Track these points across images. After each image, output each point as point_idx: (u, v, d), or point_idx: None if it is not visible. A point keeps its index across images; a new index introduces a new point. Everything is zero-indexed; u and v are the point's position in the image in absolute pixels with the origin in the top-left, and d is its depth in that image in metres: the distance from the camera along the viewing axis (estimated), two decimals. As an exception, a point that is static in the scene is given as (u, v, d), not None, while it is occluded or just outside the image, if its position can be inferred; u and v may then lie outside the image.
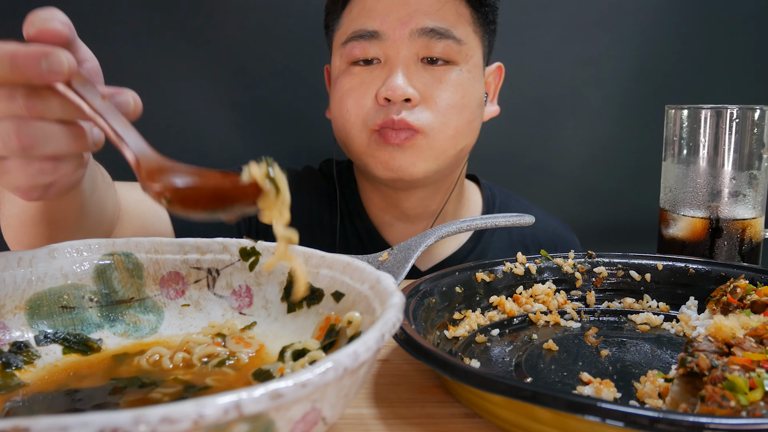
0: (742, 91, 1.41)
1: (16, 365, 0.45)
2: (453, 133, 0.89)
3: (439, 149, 0.89)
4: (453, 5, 0.89)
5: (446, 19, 0.87)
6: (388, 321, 0.35)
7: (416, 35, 0.86)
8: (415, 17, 0.86)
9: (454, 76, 0.89)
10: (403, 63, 0.86)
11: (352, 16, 0.89)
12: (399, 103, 0.86)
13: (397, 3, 0.87)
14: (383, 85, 0.86)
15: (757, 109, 0.76)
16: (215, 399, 0.25)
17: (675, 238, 0.81)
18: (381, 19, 0.86)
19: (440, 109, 0.88)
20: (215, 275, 0.54)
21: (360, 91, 0.88)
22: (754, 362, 0.41)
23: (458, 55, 0.88)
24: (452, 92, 0.88)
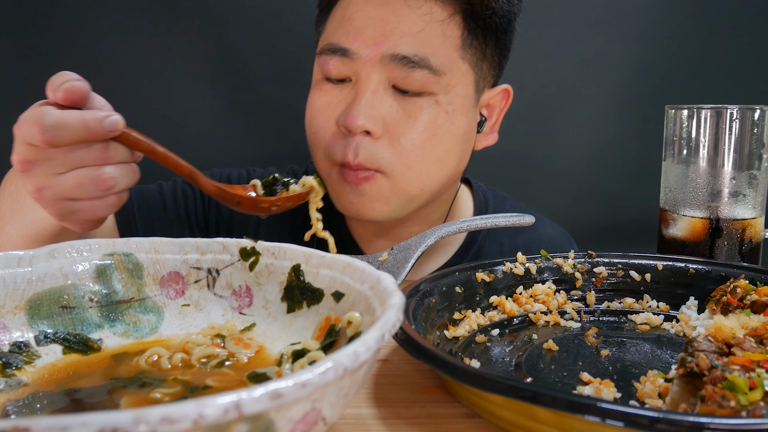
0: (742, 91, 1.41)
1: (16, 365, 0.45)
2: (417, 175, 0.80)
3: (401, 192, 0.81)
4: (439, 26, 0.78)
5: (426, 44, 0.77)
6: (388, 321, 0.35)
7: (388, 60, 0.77)
8: (391, 38, 0.77)
9: (427, 112, 0.79)
10: (371, 88, 0.78)
11: (334, 23, 0.82)
12: (358, 134, 0.78)
13: (374, 18, 0.78)
14: (344, 111, 0.79)
15: (757, 109, 0.76)
16: (215, 399, 0.25)
17: (675, 238, 0.81)
18: (355, 35, 0.78)
19: (404, 149, 0.79)
20: (215, 275, 0.54)
21: (327, 113, 0.81)
22: (754, 362, 0.41)
23: (435, 86, 0.79)
24: (421, 130, 0.79)
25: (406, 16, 0.77)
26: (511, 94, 0.92)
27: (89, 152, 0.56)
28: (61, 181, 0.57)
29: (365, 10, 0.78)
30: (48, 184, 0.57)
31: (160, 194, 0.96)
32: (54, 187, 0.57)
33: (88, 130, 0.55)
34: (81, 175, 0.56)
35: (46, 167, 0.56)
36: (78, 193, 0.57)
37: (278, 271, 0.52)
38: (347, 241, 0.98)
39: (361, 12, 0.79)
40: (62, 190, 0.57)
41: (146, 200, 0.93)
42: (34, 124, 0.54)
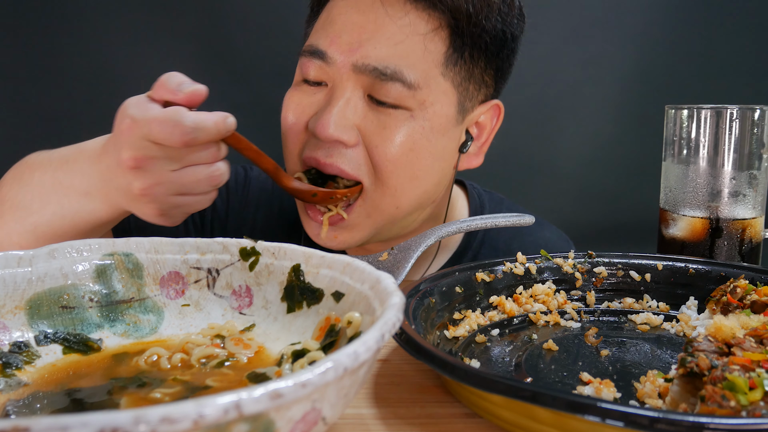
0: (742, 91, 1.41)
1: (16, 365, 0.45)
2: (392, 192, 0.77)
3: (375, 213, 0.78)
4: (421, 40, 0.74)
5: (403, 57, 0.73)
6: (388, 321, 0.35)
7: (360, 70, 0.73)
8: (365, 47, 0.73)
9: (403, 126, 0.75)
10: (345, 96, 0.74)
11: (319, 23, 0.79)
12: (330, 142, 0.74)
13: (353, 24, 0.74)
14: (314, 117, 0.76)
15: (757, 109, 0.76)
16: (215, 399, 0.25)
17: (675, 238, 0.81)
18: (332, 39, 0.75)
19: (378, 162, 0.75)
20: (215, 275, 0.54)
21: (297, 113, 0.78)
22: (754, 362, 0.41)
23: (410, 101, 0.74)
24: (396, 144, 0.75)
25: (386, 26, 0.74)
26: (502, 112, 0.86)
27: (208, 151, 0.61)
28: (178, 177, 0.60)
29: (347, 15, 0.76)
30: (163, 179, 0.60)
31: None
32: (169, 183, 0.61)
33: (218, 131, 0.60)
34: (198, 172, 0.61)
35: (163, 164, 0.60)
36: (193, 188, 0.62)
37: (278, 271, 0.52)
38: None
39: (342, 16, 0.76)
40: (178, 186, 0.61)
41: None
42: (174, 125, 0.57)
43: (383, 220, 0.79)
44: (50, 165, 0.72)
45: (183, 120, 0.57)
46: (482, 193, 1.03)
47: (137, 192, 0.61)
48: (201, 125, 0.58)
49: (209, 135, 0.59)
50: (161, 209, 0.63)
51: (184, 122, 0.57)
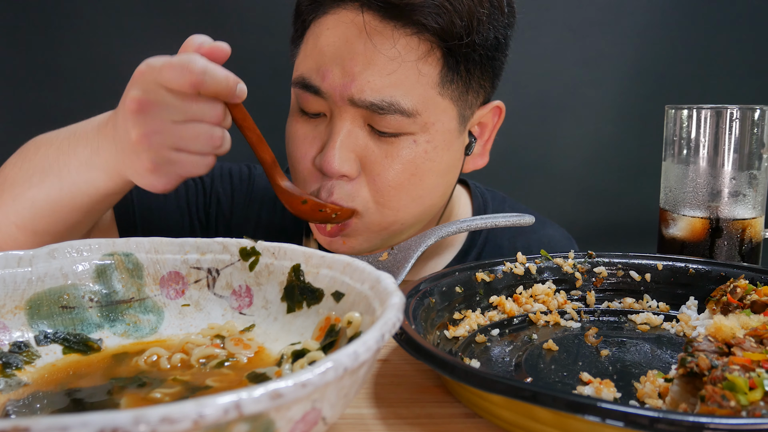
0: (742, 91, 1.41)
1: (16, 365, 0.45)
2: (394, 212, 0.78)
3: (377, 228, 0.78)
4: (414, 66, 0.72)
5: (397, 86, 0.72)
6: (388, 321, 0.35)
7: (356, 104, 0.72)
8: (358, 81, 0.71)
9: (406, 152, 0.75)
10: (346, 129, 0.74)
11: (306, 50, 0.77)
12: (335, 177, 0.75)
13: (345, 55, 0.72)
14: (320, 153, 0.76)
15: (757, 109, 0.76)
16: (215, 399, 0.25)
17: (675, 238, 0.81)
18: (323, 74, 0.73)
19: (379, 189, 0.75)
20: (215, 275, 0.54)
21: (302, 149, 0.78)
22: (754, 362, 0.41)
23: (412, 126, 0.74)
24: (399, 170, 0.75)
25: (376, 59, 0.72)
26: (503, 111, 0.86)
27: (212, 109, 0.60)
28: (178, 129, 0.59)
29: (335, 45, 0.73)
30: (162, 128, 0.59)
31: None
32: (167, 134, 0.59)
33: (228, 85, 0.59)
34: (198, 128, 0.60)
35: (166, 112, 0.59)
36: (190, 144, 0.60)
37: (278, 271, 0.52)
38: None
39: (331, 47, 0.74)
40: (176, 139, 0.60)
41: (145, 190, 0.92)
42: (183, 67, 0.57)
43: (386, 233, 0.80)
44: (57, 139, 0.72)
45: (194, 61, 0.58)
46: (485, 191, 1.03)
47: (134, 138, 0.60)
48: (211, 71, 0.58)
49: (218, 83, 0.59)
50: (155, 162, 0.61)
51: (194, 63, 0.58)
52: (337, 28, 0.73)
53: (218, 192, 0.96)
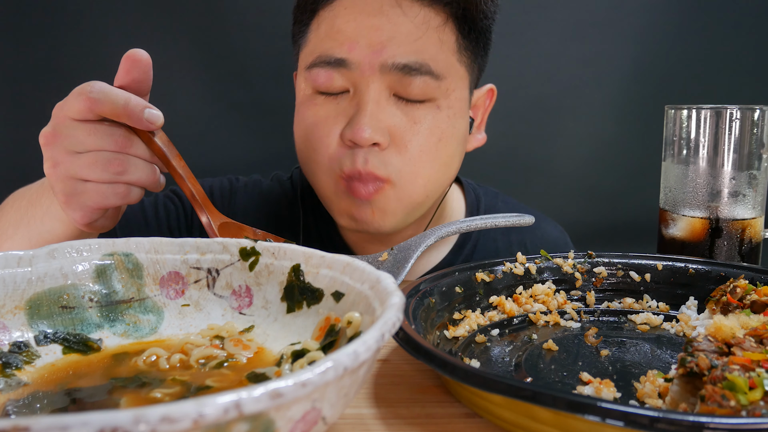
0: (742, 91, 1.41)
1: (15, 365, 0.45)
2: (424, 182, 0.80)
3: (408, 201, 0.80)
4: (435, 33, 0.77)
5: (425, 51, 0.76)
6: (388, 321, 0.35)
7: (388, 69, 0.75)
8: (388, 47, 0.75)
9: (431, 117, 0.78)
10: (373, 98, 0.75)
11: (320, 34, 0.79)
12: (366, 147, 0.76)
13: (369, 27, 0.75)
14: (349, 125, 0.76)
15: (757, 109, 0.76)
16: (215, 398, 0.25)
17: (675, 238, 0.81)
18: (350, 45, 0.75)
19: (412, 156, 0.78)
20: (215, 275, 0.54)
21: (325, 128, 0.78)
22: (753, 362, 0.41)
23: (437, 91, 0.77)
24: (427, 136, 0.78)
25: (403, 25, 0.75)
26: (495, 93, 0.92)
27: (111, 138, 0.59)
28: (76, 159, 0.59)
29: (357, 20, 0.76)
30: (63, 159, 0.60)
31: (141, 211, 0.95)
32: (68, 164, 0.59)
33: (127, 107, 0.58)
34: (96, 156, 0.59)
35: (67, 143, 0.59)
36: (88, 173, 0.60)
37: (278, 271, 0.52)
38: (339, 246, 0.98)
39: (352, 22, 0.76)
40: (75, 167, 0.59)
41: (127, 218, 0.92)
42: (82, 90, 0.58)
43: (413, 206, 0.82)
44: (29, 191, 0.75)
45: (91, 84, 0.58)
46: (477, 187, 1.05)
47: (46, 172, 0.61)
48: (108, 91, 0.57)
49: (115, 106, 0.57)
50: (64, 194, 0.61)
51: (92, 86, 0.58)
52: (354, 6, 0.76)
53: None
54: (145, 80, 0.61)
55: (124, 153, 0.60)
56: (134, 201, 0.63)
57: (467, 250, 0.98)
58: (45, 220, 0.69)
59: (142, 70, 0.61)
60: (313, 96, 0.80)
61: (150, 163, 0.62)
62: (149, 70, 0.61)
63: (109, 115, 0.58)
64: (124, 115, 0.58)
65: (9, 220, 0.74)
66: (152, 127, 0.60)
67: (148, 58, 0.61)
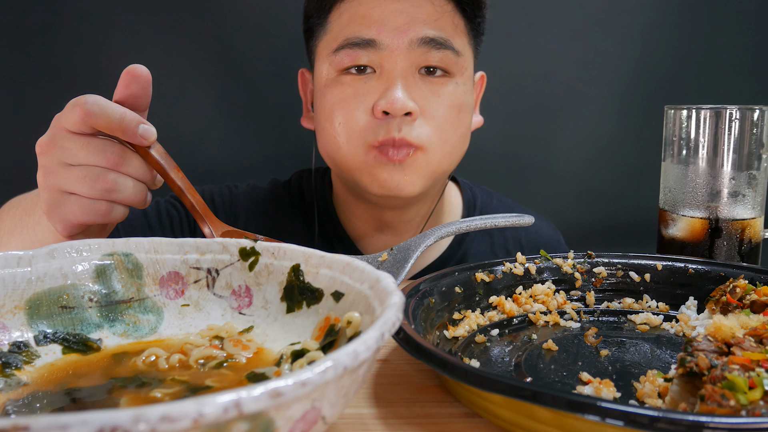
0: (742, 91, 1.41)
1: (15, 365, 0.45)
2: (450, 149, 0.87)
3: (436, 165, 0.86)
4: (450, 16, 0.86)
5: (444, 30, 0.85)
6: (388, 320, 0.35)
7: (415, 45, 0.82)
8: (414, 26, 0.82)
9: (451, 89, 0.86)
10: (402, 74, 0.82)
11: (342, 22, 0.85)
12: (399, 117, 0.82)
13: (393, 11, 0.82)
14: (381, 98, 0.81)
15: (757, 109, 0.76)
16: (215, 398, 0.25)
17: (674, 238, 0.81)
18: (378, 27, 0.82)
19: (439, 124, 0.84)
20: (215, 275, 0.54)
21: (353, 104, 0.83)
22: (753, 362, 0.41)
23: (455, 67, 0.85)
24: (449, 106, 0.85)
25: (424, 7, 0.83)
26: (485, 80, 1.01)
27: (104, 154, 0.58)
28: (67, 171, 0.59)
29: (382, 6, 0.83)
30: (55, 170, 0.60)
31: (144, 217, 0.96)
32: (58, 175, 0.59)
33: (122, 122, 0.58)
34: (86, 170, 0.59)
35: (60, 154, 0.59)
36: (75, 186, 0.59)
37: (278, 271, 0.52)
38: (343, 238, 0.99)
39: (377, 8, 0.83)
40: (64, 179, 0.59)
41: (131, 224, 0.93)
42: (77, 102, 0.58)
43: (439, 173, 0.88)
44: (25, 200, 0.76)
45: (87, 97, 0.58)
46: (473, 186, 1.09)
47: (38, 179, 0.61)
48: (104, 104, 0.57)
49: (110, 119, 0.57)
50: (48, 203, 0.61)
51: (88, 98, 0.58)
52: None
53: None
54: (143, 95, 0.61)
55: (116, 171, 0.59)
56: (116, 220, 0.62)
57: (464, 246, 1.01)
58: (37, 229, 0.70)
59: (141, 85, 0.60)
60: (339, 77, 0.85)
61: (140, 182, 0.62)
62: (148, 86, 0.61)
63: (103, 129, 0.58)
64: (118, 130, 0.58)
65: (4, 228, 0.75)
66: (145, 142, 0.59)
67: (147, 74, 0.60)
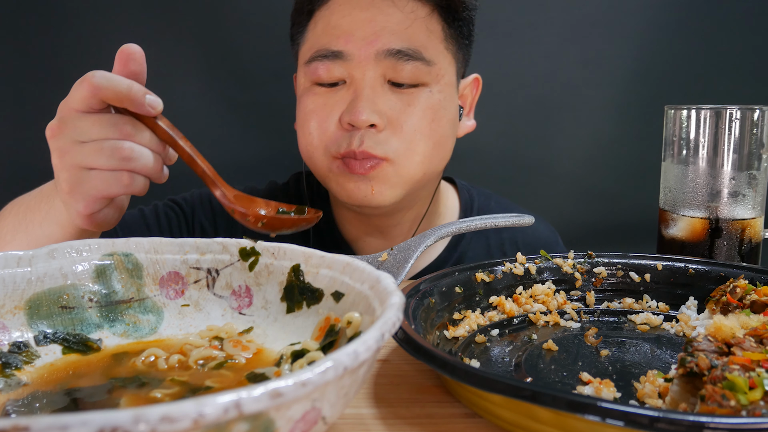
0: (742, 91, 1.41)
1: (15, 365, 0.45)
2: (420, 158, 0.85)
3: (407, 176, 0.85)
4: (423, 22, 0.83)
5: (415, 39, 0.82)
6: (388, 321, 0.35)
7: (383, 56, 0.81)
8: (382, 36, 0.80)
9: (423, 99, 0.84)
10: (369, 85, 0.81)
11: (317, 32, 0.85)
12: (363, 128, 0.81)
13: (363, 20, 0.81)
14: (347, 109, 0.81)
15: (757, 109, 0.76)
16: (215, 398, 0.25)
17: (675, 238, 0.81)
18: (346, 38, 0.81)
19: (407, 135, 0.83)
20: (215, 275, 0.54)
21: (323, 114, 0.83)
22: (753, 362, 0.41)
23: (428, 77, 0.83)
24: (420, 116, 0.83)
25: (393, 15, 0.82)
26: (480, 83, 0.98)
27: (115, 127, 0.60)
28: (82, 147, 0.60)
29: (351, 15, 0.82)
30: (70, 149, 0.61)
31: (142, 219, 0.96)
32: (74, 153, 0.61)
33: (130, 94, 0.59)
34: (101, 144, 0.60)
35: (73, 133, 0.60)
36: (94, 160, 0.60)
37: (278, 271, 0.52)
38: (339, 240, 0.98)
39: (347, 17, 0.82)
40: (81, 156, 0.61)
41: (129, 226, 0.94)
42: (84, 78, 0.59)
43: (411, 182, 0.86)
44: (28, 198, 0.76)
45: (94, 72, 0.59)
46: (470, 188, 1.08)
47: (54, 163, 0.62)
48: (111, 78, 0.59)
49: (118, 91, 0.58)
50: (69, 183, 0.62)
51: (94, 73, 0.59)
52: (348, 3, 0.82)
53: (201, 220, 1.00)
54: (141, 72, 0.62)
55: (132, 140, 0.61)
56: (138, 191, 0.63)
57: (461, 248, 1.01)
58: (44, 224, 0.70)
59: (138, 62, 0.61)
60: (312, 87, 0.85)
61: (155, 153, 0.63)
62: (144, 62, 0.62)
63: (112, 100, 0.59)
64: (126, 100, 0.59)
65: (7, 226, 0.75)
66: (153, 112, 0.60)
67: (141, 52, 0.61)
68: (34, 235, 0.71)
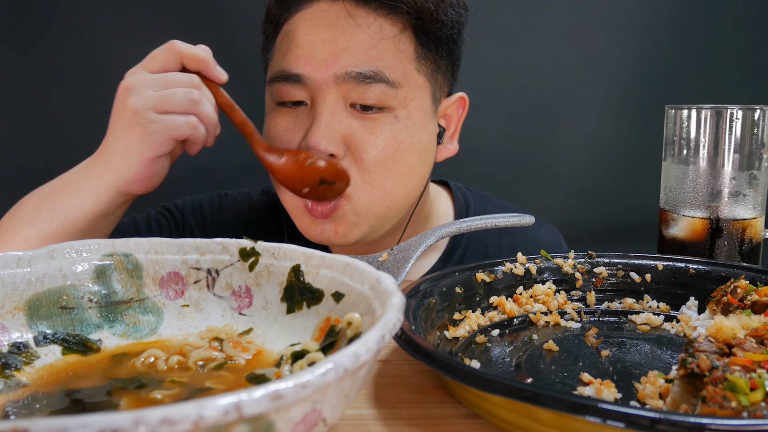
0: (742, 91, 1.41)
1: (15, 366, 0.45)
2: (381, 194, 0.79)
3: (368, 213, 0.80)
4: (392, 42, 0.77)
5: (380, 59, 0.76)
6: (389, 321, 0.35)
7: (342, 79, 0.75)
8: (342, 58, 0.75)
9: (388, 128, 0.77)
10: (329, 111, 0.76)
11: (282, 50, 0.80)
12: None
13: (324, 40, 0.76)
14: (305, 137, 0.77)
15: (757, 109, 0.76)
16: (215, 400, 0.25)
17: (675, 238, 0.81)
18: (305, 60, 0.76)
19: (367, 167, 0.77)
20: (215, 276, 0.53)
21: (286, 137, 0.80)
22: (754, 363, 0.41)
23: (394, 100, 0.77)
24: (383, 147, 0.77)
25: (356, 35, 0.76)
26: (467, 103, 0.90)
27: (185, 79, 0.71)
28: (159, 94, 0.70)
29: (313, 34, 0.77)
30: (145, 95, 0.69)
31: (134, 226, 0.96)
32: (149, 99, 0.69)
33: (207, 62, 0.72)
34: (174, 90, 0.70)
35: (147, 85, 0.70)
36: (169, 104, 0.69)
37: (278, 271, 0.52)
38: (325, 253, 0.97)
39: (309, 36, 0.77)
40: (157, 100, 0.69)
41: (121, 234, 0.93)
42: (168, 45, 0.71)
43: (375, 217, 0.81)
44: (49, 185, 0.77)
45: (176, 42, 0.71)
46: (466, 191, 1.04)
47: (129, 111, 0.69)
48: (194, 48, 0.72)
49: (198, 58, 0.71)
50: (142, 126, 0.69)
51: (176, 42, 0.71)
52: (312, 19, 0.78)
53: (191, 226, 1.00)
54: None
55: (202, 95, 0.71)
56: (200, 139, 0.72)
57: (456, 256, 0.97)
58: (72, 197, 0.73)
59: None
60: (276, 108, 0.82)
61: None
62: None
63: (191, 64, 0.71)
64: (203, 63, 0.72)
65: (27, 209, 0.75)
66: (221, 79, 0.73)
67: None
68: (58, 212, 0.73)
